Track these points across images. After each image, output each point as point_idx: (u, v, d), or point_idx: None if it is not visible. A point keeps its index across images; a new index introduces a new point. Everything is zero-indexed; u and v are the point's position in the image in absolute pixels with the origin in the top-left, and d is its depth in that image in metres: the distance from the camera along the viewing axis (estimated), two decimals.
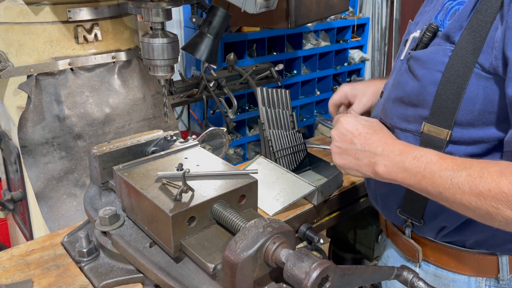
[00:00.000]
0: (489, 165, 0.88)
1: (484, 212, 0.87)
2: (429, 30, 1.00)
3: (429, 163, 0.94)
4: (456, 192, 0.89)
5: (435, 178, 0.92)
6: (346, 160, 1.11)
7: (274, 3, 1.61)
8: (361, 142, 1.07)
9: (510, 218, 0.84)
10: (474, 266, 1.10)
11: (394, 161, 1.00)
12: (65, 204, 1.74)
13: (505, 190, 0.82)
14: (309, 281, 0.79)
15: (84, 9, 1.68)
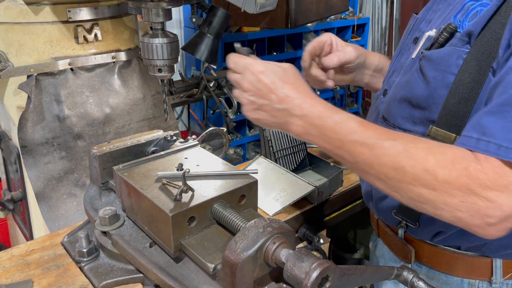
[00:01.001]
0: (417, 141, 0.86)
1: (397, 186, 0.85)
2: (446, 31, 0.97)
3: (350, 131, 0.89)
4: (374, 163, 0.86)
5: (354, 146, 0.88)
6: (261, 116, 1.01)
7: (274, 3, 1.61)
8: (278, 99, 0.97)
9: (421, 197, 0.82)
10: (467, 269, 1.09)
11: (313, 124, 0.94)
12: (65, 204, 1.74)
13: (428, 169, 0.80)
14: (309, 281, 0.79)
15: (84, 9, 1.68)
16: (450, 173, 0.78)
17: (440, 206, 0.81)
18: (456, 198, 0.78)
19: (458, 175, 0.78)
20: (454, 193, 0.78)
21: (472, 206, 0.78)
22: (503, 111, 0.78)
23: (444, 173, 0.79)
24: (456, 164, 0.79)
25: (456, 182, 0.78)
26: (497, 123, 0.77)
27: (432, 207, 0.83)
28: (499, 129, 0.77)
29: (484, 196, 0.76)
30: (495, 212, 0.77)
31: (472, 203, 0.77)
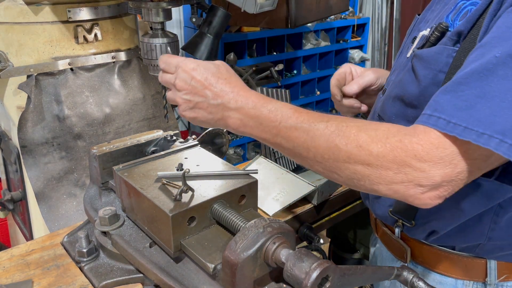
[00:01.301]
0: (349, 121, 0.86)
1: (334, 166, 0.86)
2: (437, 30, 0.98)
3: (285, 117, 0.90)
4: (310, 146, 0.87)
5: (290, 132, 0.89)
6: (198, 114, 1.01)
7: (274, 3, 1.61)
8: (213, 94, 0.97)
9: (357, 173, 0.83)
10: (462, 269, 1.09)
11: (248, 115, 0.94)
12: (65, 204, 1.74)
13: (362, 144, 0.81)
14: (309, 281, 0.79)
15: (84, 9, 1.68)
16: (384, 147, 0.79)
17: (376, 180, 0.82)
18: (390, 170, 0.79)
19: (392, 147, 0.79)
20: (389, 166, 0.79)
21: (406, 177, 0.78)
22: (457, 89, 0.78)
23: (377, 147, 0.80)
24: (390, 138, 0.80)
25: (390, 155, 0.79)
26: (450, 100, 0.78)
27: (369, 182, 0.83)
28: (451, 106, 0.78)
29: (418, 167, 0.77)
30: (426, 182, 0.78)
31: (406, 173, 0.78)
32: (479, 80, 0.76)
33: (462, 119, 0.75)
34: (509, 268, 1.05)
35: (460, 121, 0.75)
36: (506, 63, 0.74)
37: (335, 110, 1.47)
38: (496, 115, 0.73)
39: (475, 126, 0.74)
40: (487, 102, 0.74)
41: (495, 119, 0.73)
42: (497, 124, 0.73)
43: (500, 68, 0.74)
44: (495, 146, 0.73)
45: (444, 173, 0.77)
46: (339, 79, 1.36)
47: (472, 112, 0.75)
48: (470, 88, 0.76)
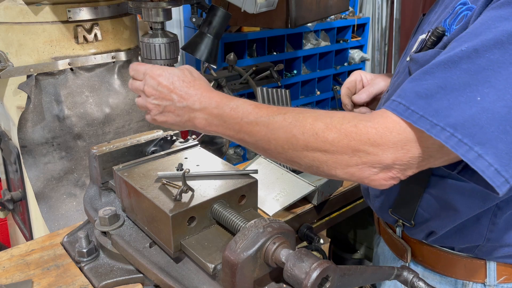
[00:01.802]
0: (305, 111, 0.89)
1: (294, 155, 0.88)
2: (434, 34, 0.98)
3: (246, 113, 0.94)
4: (271, 138, 0.90)
5: (251, 126, 0.93)
6: (167, 117, 1.05)
7: (274, 3, 1.61)
8: (179, 97, 1.02)
9: (316, 160, 0.86)
10: (461, 270, 1.09)
11: (212, 114, 0.99)
12: (65, 204, 1.74)
13: (318, 132, 0.84)
14: (309, 281, 0.79)
15: (84, 9, 1.68)
16: (338, 132, 0.82)
17: (333, 165, 0.84)
18: (346, 154, 0.82)
19: (346, 133, 0.81)
20: (344, 151, 0.82)
21: (360, 160, 0.81)
22: (421, 78, 0.79)
23: (332, 134, 0.82)
24: (344, 124, 0.82)
25: (345, 140, 0.81)
26: (413, 88, 0.80)
27: (327, 168, 0.86)
28: (412, 93, 0.79)
29: (371, 151, 0.80)
30: (379, 164, 0.80)
31: (360, 157, 0.81)
32: (443, 71, 0.77)
33: (420, 107, 0.76)
34: (508, 270, 1.06)
35: (418, 109, 0.76)
36: (470, 57, 0.74)
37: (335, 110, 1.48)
38: (452, 108, 0.74)
39: (430, 116, 0.75)
40: (446, 94, 0.75)
41: (450, 112, 0.74)
42: (451, 117, 0.74)
43: (464, 61, 0.75)
44: (445, 139, 0.74)
45: (395, 157, 0.79)
46: (350, 87, 1.36)
47: (431, 102, 0.76)
48: (433, 78, 0.77)
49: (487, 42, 0.73)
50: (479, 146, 0.73)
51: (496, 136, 0.72)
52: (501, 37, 0.72)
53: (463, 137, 0.73)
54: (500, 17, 0.75)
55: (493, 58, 0.73)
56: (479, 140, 0.73)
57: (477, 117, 0.72)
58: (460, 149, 0.73)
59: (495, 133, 0.72)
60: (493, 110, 0.72)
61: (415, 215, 1.10)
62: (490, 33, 0.74)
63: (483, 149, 0.73)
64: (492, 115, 0.72)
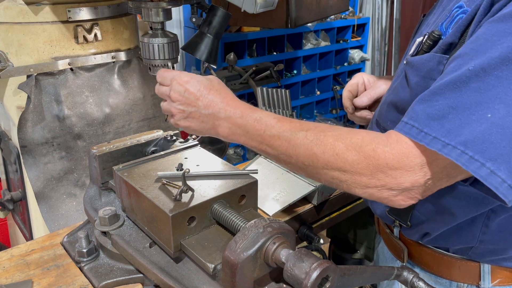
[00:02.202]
0: (327, 129, 0.91)
1: (314, 172, 0.91)
2: (430, 38, 0.99)
3: (269, 126, 0.96)
4: (292, 154, 0.92)
5: (273, 140, 0.95)
6: (191, 123, 1.08)
7: (274, 3, 1.61)
8: (204, 104, 1.04)
9: (335, 178, 0.88)
10: (456, 271, 1.10)
11: (236, 124, 1.01)
12: (65, 204, 1.74)
13: (338, 153, 0.86)
14: (309, 281, 0.79)
15: (84, 9, 1.68)
16: (358, 155, 0.84)
17: (352, 185, 0.87)
18: (365, 176, 0.84)
19: (366, 156, 0.83)
20: (363, 172, 0.84)
21: (379, 182, 0.83)
22: (432, 99, 0.81)
23: (352, 156, 0.85)
24: (364, 146, 0.84)
25: (364, 162, 0.84)
26: (424, 110, 0.81)
27: (346, 186, 0.89)
28: (424, 115, 0.80)
29: (389, 174, 0.82)
30: (397, 187, 0.83)
31: (379, 179, 0.83)
32: (453, 91, 0.78)
33: (433, 129, 0.78)
34: (502, 273, 1.06)
35: (430, 131, 0.78)
36: (479, 76, 0.75)
37: (335, 110, 1.46)
38: (464, 127, 0.75)
39: (443, 136, 0.76)
40: (458, 114, 0.76)
41: (462, 131, 0.75)
42: (462, 135, 0.75)
43: (473, 81, 0.76)
44: (456, 156, 0.75)
45: (414, 180, 0.81)
46: (351, 90, 1.37)
47: (444, 123, 0.77)
48: (444, 98, 0.78)
49: (493, 60, 0.74)
50: (491, 162, 0.73)
51: (508, 151, 0.73)
52: (507, 54, 0.73)
53: (474, 153, 0.74)
54: (504, 32, 0.75)
55: (501, 75, 0.74)
56: (490, 156, 0.73)
57: (488, 133, 0.73)
58: (471, 166, 0.74)
59: (507, 148, 0.73)
60: (503, 125, 0.73)
61: (411, 216, 1.11)
62: (496, 50, 0.75)
63: (495, 165, 0.73)
64: (503, 130, 0.73)
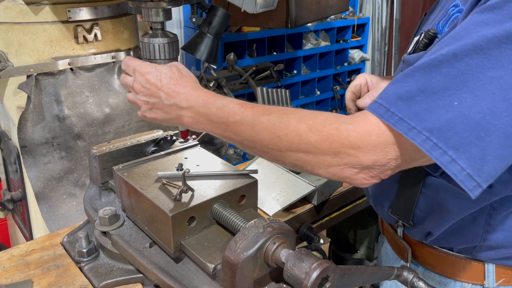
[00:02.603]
0: (290, 112, 0.90)
1: (278, 155, 0.91)
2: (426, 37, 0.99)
3: (231, 113, 0.95)
4: (256, 139, 0.92)
5: (237, 126, 0.94)
6: (156, 114, 1.06)
7: (274, 3, 1.61)
8: (166, 95, 1.03)
9: (299, 160, 0.88)
10: (460, 271, 1.10)
11: (199, 113, 0.99)
12: (65, 204, 1.73)
13: (301, 134, 0.85)
14: (309, 281, 0.79)
15: (84, 9, 1.68)
16: (320, 135, 0.84)
17: (316, 165, 0.87)
18: (328, 156, 0.84)
19: (328, 135, 0.83)
20: (326, 152, 0.84)
21: (342, 160, 0.83)
22: (403, 80, 0.80)
23: (314, 136, 0.84)
24: (327, 126, 0.84)
25: (327, 142, 0.83)
26: (394, 89, 0.81)
27: (310, 167, 0.88)
28: (393, 94, 0.80)
29: (351, 153, 0.82)
30: (359, 165, 0.83)
31: (342, 158, 0.83)
32: (424, 74, 0.78)
33: (400, 109, 0.78)
34: (507, 272, 1.06)
35: (397, 111, 0.78)
36: (450, 61, 0.75)
37: (335, 110, 1.45)
38: (430, 111, 0.75)
39: (409, 118, 0.76)
40: (425, 97, 0.76)
41: (428, 116, 0.75)
42: (428, 121, 0.75)
43: (444, 65, 0.75)
44: (421, 142, 0.75)
45: (375, 159, 0.81)
46: (354, 91, 1.36)
47: (410, 104, 0.77)
48: (414, 80, 0.78)
49: (466, 47, 0.74)
50: (453, 150, 0.74)
51: (470, 141, 0.73)
52: (480, 42, 0.73)
53: (438, 141, 0.74)
54: (482, 21, 0.75)
55: (472, 63, 0.73)
56: (453, 145, 0.74)
57: (453, 121, 0.74)
58: (434, 153, 0.75)
59: (470, 138, 0.73)
60: (469, 116, 0.73)
61: (413, 215, 1.11)
62: (470, 38, 0.75)
63: (457, 154, 0.74)
64: (468, 120, 0.73)
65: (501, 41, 0.71)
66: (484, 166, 0.74)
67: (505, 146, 0.73)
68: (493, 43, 0.72)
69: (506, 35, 0.71)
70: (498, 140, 0.73)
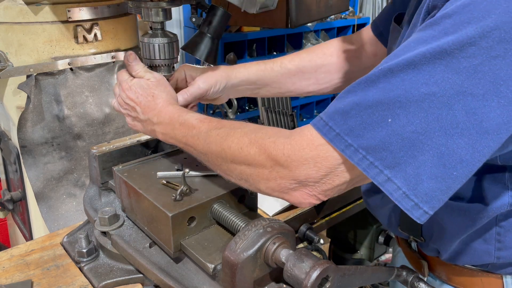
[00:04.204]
0: (240, 126, 0.93)
1: (226, 168, 0.93)
2: None
3: (190, 128, 1.00)
4: (207, 152, 0.95)
5: (194, 140, 0.98)
6: (137, 126, 1.17)
7: (274, 3, 1.61)
8: (142, 111, 1.12)
9: (242, 173, 0.90)
10: (478, 285, 1.07)
11: (167, 129, 1.06)
12: (65, 204, 1.73)
13: (242, 147, 0.88)
14: (309, 281, 0.79)
15: (83, 8, 1.68)
16: (259, 147, 0.85)
17: (256, 179, 0.88)
18: (266, 169, 0.85)
19: (266, 148, 0.84)
20: (263, 164, 0.85)
21: (278, 174, 0.83)
22: (344, 96, 0.79)
23: (254, 148, 0.86)
24: (265, 139, 0.85)
25: (264, 154, 0.84)
26: (334, 104, 0.80)
27: (252, 181, 0.89)
28: (332, 108, 0.79)
29: (286, 166, 0.82)
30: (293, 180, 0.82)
31: (278, 172, 0.83)
32: (362, 89, 0.76)
33: (337, 123, 0.76)
34: None
35: (334, 125, 0.77)
36: (386, 76, 0.73)
37: None
38: (365, 127, 0.74)
39: (345, 134, 0.75)
40: (360, 111, 0.75)
41: (364, 133, 0.74)
42: (364, 138, 0.74)
43: (381, 81, 0.74)
44: (358, 161, 0.75)
45: (307, 174, 0.80)
46: (172, 84, 1.29)
47: (346, 118, 0.76)
48: (352, 95, 0.77)
49: (401, 62, 0.72)
50: (388, 169, 0.73)
51: (405, 160, 0.72)
52: (414, 58, 0.71)
53: (375, 160, 0.73)
54: (420, 39, 0.73)
55: (405, 78, 0.71)
56: (389, 164, 0.73)
57: (388, 141, 0.72)
58: (371, 172, 0.74)
59: (404, 158, 0.72)
60: (403, 136, 0.71)
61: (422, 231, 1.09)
62: (407, 54, 0.73)
63: (392, 173, 0.73)
64: (402, 140, 0.71)
65: (434, 56, 0.69)
66: (419, 185, 0.72)
67: (438, 166, 0.71)
68: (427, 58, 0.70)
69: (440, 51, 0.69)
70: (432, 160, 0.71)
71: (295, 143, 0.81)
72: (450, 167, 0.71)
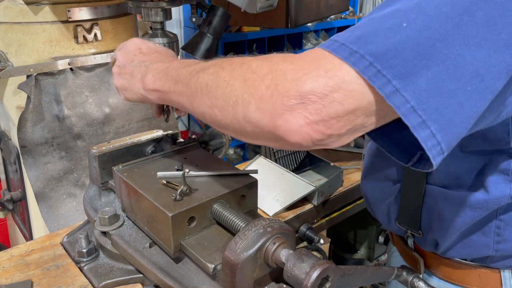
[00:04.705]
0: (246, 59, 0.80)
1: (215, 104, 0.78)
2: None
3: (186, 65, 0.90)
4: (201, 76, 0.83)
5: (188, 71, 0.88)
6: (123, 80, 1.05)
7: (274, 3, 1.61)
8: (140, 58, 1.04)
9: (233, 94, 0.73)
10: (476, 280, 1.08)
11: (160, 69, 0.97)
12: (65, 204, 1.73)
13: (245, 62, 0.75)
14: (309, 281, 0.79)
15: (83, 8, 1.68)
16: (263, 60, 0.73)
17: (247, 99, 0.72)
18: (263, 84, 0.70)
19: (270, 60, 0.72)
20: (263, 78, 0.70)
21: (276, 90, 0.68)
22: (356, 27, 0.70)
23: (257, 61, 0.73)
24: (273, 57, 0.72)
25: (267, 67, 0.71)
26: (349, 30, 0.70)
27: (240, 102, 0.73)
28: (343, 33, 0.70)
29: (284, 69, 0.68)
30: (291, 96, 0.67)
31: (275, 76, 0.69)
32: (376, 11, 0.71)
33: (344, 37, 0.67)
34: None
35: (340, 38, 0.67)
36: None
37: None
38: (376, 34, 0.65)
39: (351, 43, 0.65)
40: (372, 22, 0.67)
41: (373, 38, 0.65)
42: (372, 44, 0.64)
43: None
44: (363, 68, 0.63)
45: (311, 86, 0.65)
46: None
47: (355, 30, 0.67)
48: (365, 18, 0.71)
49: None
50: (397, 80, 0.63)
51: (417, 71, 0.63)
52: None
53: (382, 68, 0.63)
54: None
55: None
56: (398, 73, 0.63)
57: (401, 47, 0.63)
58: (377, 81, 0.63)
59: (417, 67, 0.63)
60: (418, 41, 0.63)
61: (420, 224, 1.09)
62: None
63: (401, 84, 0.63)
64: (417, 46, 0.63)
65: None
66: (430, 100, 0.63)
67: (453, 79, 0.63)
68: None
69: None
70: (447, 71, 0.63)
71: (306, 56, 0.69)
72: (465, 81, 0.64)
